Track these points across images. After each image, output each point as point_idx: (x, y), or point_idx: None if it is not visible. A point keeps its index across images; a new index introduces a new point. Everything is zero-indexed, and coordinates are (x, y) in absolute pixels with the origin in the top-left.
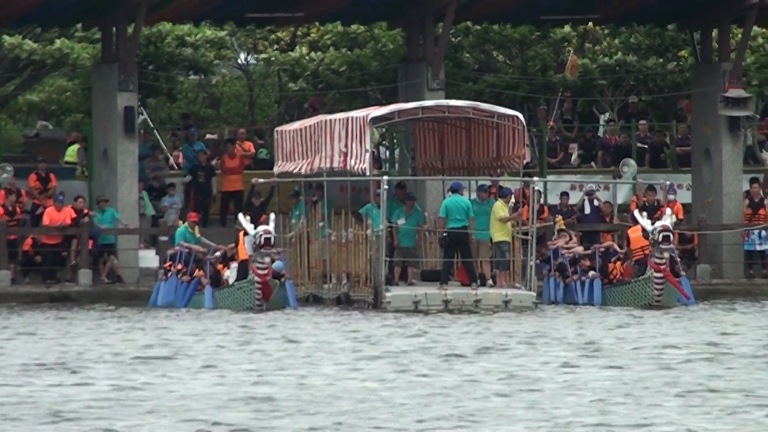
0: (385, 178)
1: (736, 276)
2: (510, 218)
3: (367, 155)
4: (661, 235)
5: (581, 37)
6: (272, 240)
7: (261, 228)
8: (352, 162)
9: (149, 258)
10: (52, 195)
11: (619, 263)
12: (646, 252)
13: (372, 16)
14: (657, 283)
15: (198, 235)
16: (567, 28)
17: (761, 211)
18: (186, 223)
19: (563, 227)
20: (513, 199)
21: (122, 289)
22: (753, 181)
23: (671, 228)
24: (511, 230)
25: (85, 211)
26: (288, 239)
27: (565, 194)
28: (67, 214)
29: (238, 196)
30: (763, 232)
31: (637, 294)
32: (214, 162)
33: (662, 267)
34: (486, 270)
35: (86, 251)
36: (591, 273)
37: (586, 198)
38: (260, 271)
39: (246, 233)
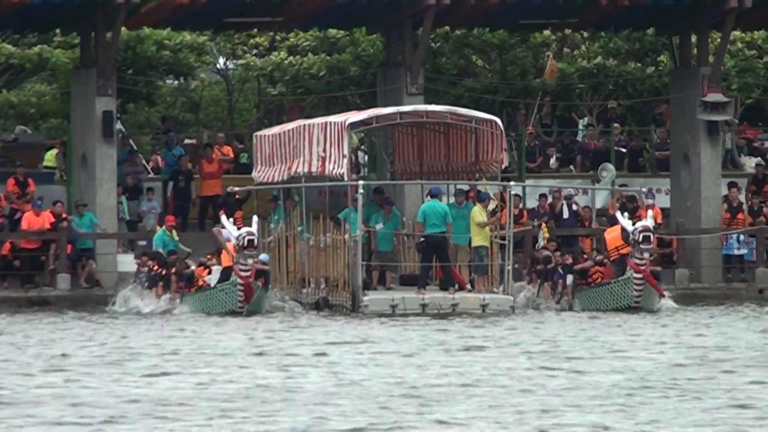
0: (362, 182)
1: (715, 280)
2: (488, 223)
3: (345, 160)
4: (641, 236)
5: (560, 41)
6: (255, 242)
7: (244, 230)
8: (331, 167)
9: (127, 262)
10: (31, 200)
11: (601, 267)
12: (621, 252)
13: (351, 22)
14: (636, 284)
15: (176, 238)
16: (546, 33)
17: (740, 216)
18: (164, 227)
19: (548, 235)
20: (493, 204)
21: (101, 294)
22: (731, 185)
23: (652, 228)
24: (489, 235)
25: (64, 215)
26: (267, 243)
27: (543, 196)
28: (46, 219)
29: (217, 201)
30: (742, 237)
31: (616, 295)
32: (192, 167)
33: (642, 268)
34: (464, 274)
35: (65, 256)
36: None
37: (564, 202)
38: (243, 273)
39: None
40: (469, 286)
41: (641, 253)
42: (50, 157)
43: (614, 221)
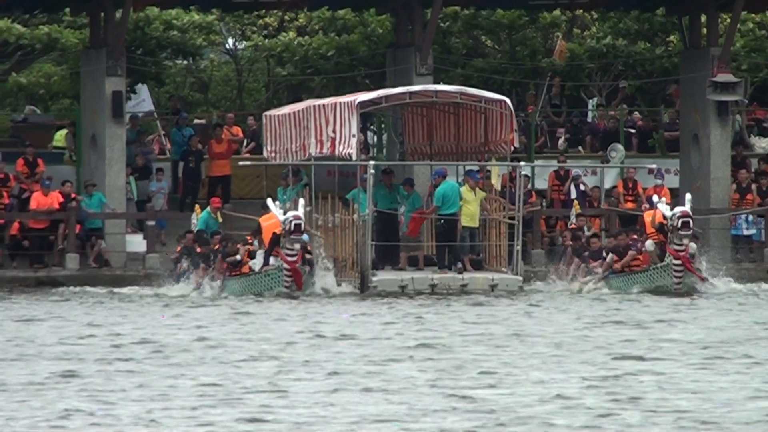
0: (372, 162)
1: (724, 261)
2: (493, 198)
3: (354, 140)
4: (680, 221)
5: (570, 21)
6: (302, 226)
7: (290, 213)
8: (341, 147)
9: (136, 242)
10: (40, 180)
11: (642, 254)
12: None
13: (360, 2)
14: (676, 271)
15: (221, 220)
16: (556, 13)
17: (749, 196)
18: (209, 209)
19: (579, 211)
20: (500, 184)
21: (109, 273)
22: (740, 165)
23: (691, 213)
24: (478, 215)
25: (73, 195)
26: None
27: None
28: (55, 199)
29: (226, 181)
30: (751, 217)
31: (655, 281)
32: (202, 147)
33: (681, 254)
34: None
35: (74, 235)
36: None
37: (572, 183)
38: (290, 258)
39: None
40: (460, 266)
41: (680, 239)
42: (60, 138)
43: (651, 206)
